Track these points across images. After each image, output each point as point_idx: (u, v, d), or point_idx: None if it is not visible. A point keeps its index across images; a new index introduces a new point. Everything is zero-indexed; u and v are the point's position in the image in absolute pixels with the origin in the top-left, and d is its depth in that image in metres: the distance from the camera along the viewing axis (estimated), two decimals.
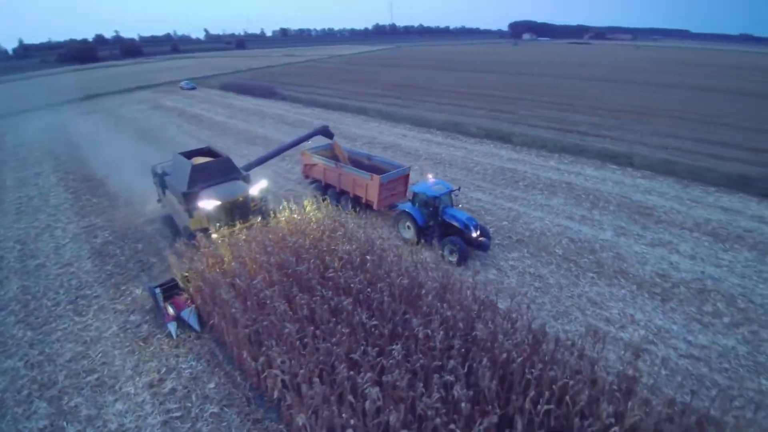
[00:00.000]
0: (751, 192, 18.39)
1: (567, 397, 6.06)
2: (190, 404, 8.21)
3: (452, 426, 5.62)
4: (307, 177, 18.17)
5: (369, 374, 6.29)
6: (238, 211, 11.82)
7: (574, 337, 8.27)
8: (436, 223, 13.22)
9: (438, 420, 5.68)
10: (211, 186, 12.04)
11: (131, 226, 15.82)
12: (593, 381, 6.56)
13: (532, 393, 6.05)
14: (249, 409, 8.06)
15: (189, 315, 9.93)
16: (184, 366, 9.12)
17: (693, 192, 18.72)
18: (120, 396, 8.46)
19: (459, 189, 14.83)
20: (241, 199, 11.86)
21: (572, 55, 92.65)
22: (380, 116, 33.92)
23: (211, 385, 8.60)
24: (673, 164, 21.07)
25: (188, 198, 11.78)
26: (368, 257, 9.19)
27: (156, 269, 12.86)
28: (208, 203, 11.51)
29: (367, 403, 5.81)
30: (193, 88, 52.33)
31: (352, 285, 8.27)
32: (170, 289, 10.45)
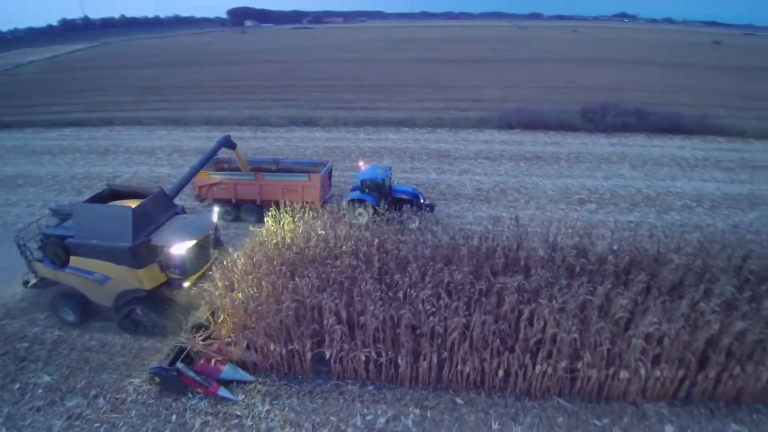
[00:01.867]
0: (490, 126, 27.86)
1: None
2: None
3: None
4: (203, 200, 16.20)
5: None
6: (203, 248, 10.72)
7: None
8: (387, 200, 14.77)
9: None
10: (164, 227, 10.41)
11: None
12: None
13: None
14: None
15: (232, 371, 8.92)
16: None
17: (461, 134, 26.80)
18: None
19: (391, 168, 16.48)
20: (210, 232, 10.78)
21: (306, 39, 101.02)
22: (165, 123, 30.35)
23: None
24: (442, 119, 29.04)
25: (137, 252, 9.73)
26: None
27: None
28: (180, 247, 9.83)
29: None
30: None
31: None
32: (183, 360, 8.86)
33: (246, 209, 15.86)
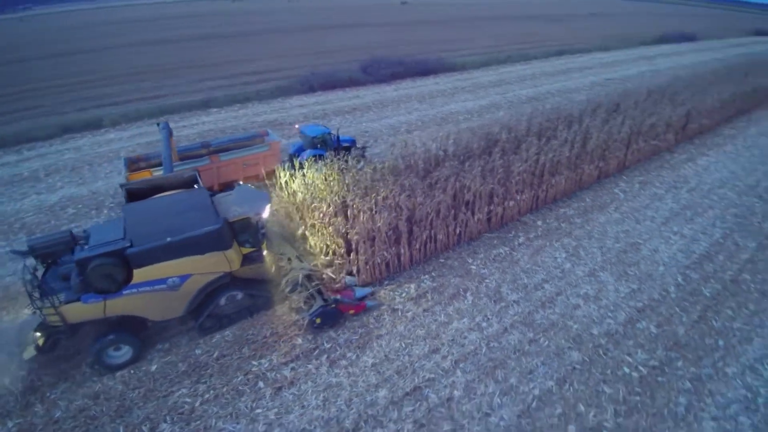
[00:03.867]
0: (294, 92, 30.36)
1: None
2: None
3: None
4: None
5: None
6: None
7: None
8: (333, 149, 16.40)
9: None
10: (229, 201, 9.97)
11: None
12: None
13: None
14: None
15: (360, 290, 10.84)
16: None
17: (273, 104, 28.47)
18: None
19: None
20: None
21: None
22: None
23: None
24: (245, 93, 29.67)
25: (224, 231, 9.09)
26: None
27: None
28: (266, 212, 10.01)
29: None
30: None
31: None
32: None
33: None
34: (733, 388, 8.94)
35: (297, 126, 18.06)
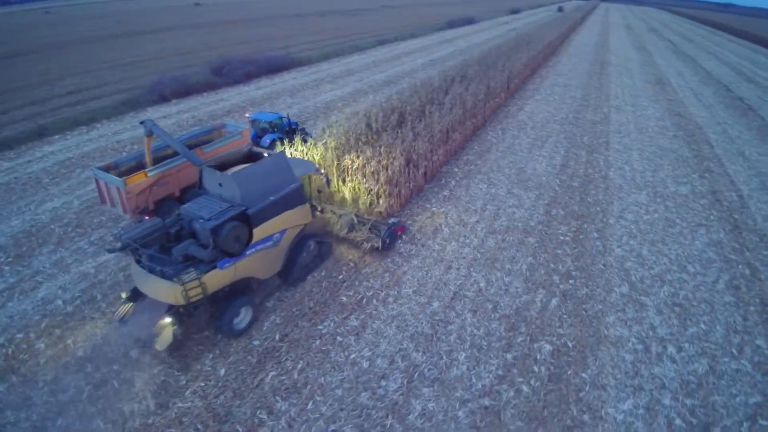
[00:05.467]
0: (143, 104, 27.73)
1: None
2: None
3: None
4: (142, 210, 13.05)
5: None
6: None
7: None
8: (285, 132, 18.21)
9: None
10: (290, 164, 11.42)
11: None
12: None
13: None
14: None
15: (394, 218, 14.23)
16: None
17: (126, 121, 25.69)
18: None
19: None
20: None
21: None
22: None
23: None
24: (89, 113, 25.68)
25: (303, 188, 11.39)
26: None
27: None
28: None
29: None
30: None
31: None
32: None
33: (191, 195, 14.02)
34: (620, 227, 14.48)
35: (247, 115, 19.10)
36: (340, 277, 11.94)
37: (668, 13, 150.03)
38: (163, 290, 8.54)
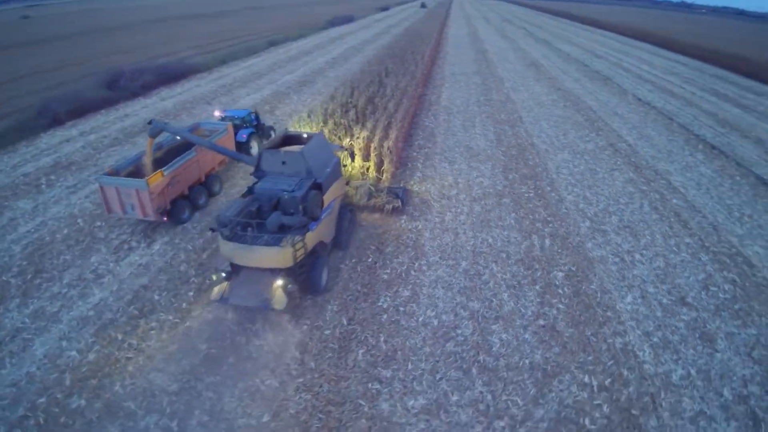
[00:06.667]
0: (31, 133, 24.06)
1: None
2: None
3: None
4: (163, 212, 13.17)
5: None
6: None
7: None
8: (254, 127, 19.48)
9: None
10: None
11: None
12: None
13: None
14: None
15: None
16: None
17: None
18: None
19: None
20: None
21: None
22: None
23: None
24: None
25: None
26: None
27: None
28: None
29: None
30: None
31: None
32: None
33: (197, 192, 15.02)
34: (562, 180, 18.00)
35: (217, 113, 19.96)
36: (370, 260, 13.01)
37: (508, 3, 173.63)
38: (273, 256, 9.64)
